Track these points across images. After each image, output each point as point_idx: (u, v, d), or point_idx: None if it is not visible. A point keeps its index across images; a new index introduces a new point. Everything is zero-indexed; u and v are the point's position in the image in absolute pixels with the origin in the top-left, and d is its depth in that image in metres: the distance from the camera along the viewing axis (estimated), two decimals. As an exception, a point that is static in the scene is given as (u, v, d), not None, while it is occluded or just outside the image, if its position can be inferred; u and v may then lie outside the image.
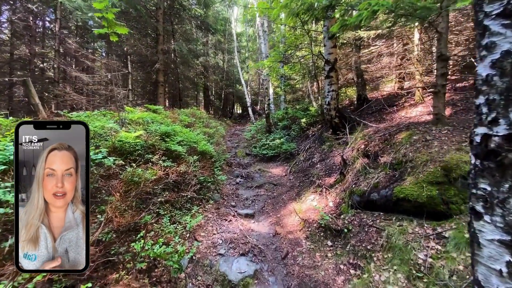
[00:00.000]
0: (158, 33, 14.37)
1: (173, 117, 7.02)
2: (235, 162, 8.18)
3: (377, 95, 7.77)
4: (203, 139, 5.76)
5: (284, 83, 10.76)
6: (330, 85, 5.93)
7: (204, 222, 3.84)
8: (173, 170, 3.82)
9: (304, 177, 5.51)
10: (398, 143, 3.69)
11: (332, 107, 5.98)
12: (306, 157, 6.55)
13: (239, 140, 12.54)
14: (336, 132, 6.12)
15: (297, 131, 8.85)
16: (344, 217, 3.43)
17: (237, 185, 6.05)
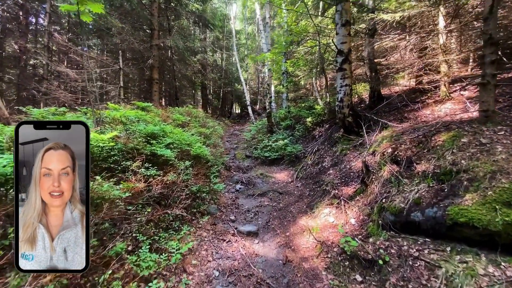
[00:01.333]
0: (153, 28, 13.62)
1: (165, 115, 6.25)
2: (234, 165, 7.43)
3: (390, 92, 7.04)
4: (197, 141, 5.01)
5: (286, 79, 10.00)
6: (343, 79, 5.19)
7: (197, 245, 3.09)
8: (158, 181, 3.06)
9: (315, 185, 4.77)
10: (438, 146, 2.96)
11: (345, 104, 5.25)
12: (315, 160, 5.81)
13: (238, 141, 11.79)
14: (349, 133, 5.39)
15: (302, 131, 8.11)
16: (374, 241, 2.70)
17: (236, 192, 5.30)
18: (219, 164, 5.85)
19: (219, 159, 5.84)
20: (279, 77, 10.44)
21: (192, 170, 4.05)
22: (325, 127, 7.25)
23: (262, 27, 12.29)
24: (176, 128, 5.20)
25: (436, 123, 3.44)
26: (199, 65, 20.07)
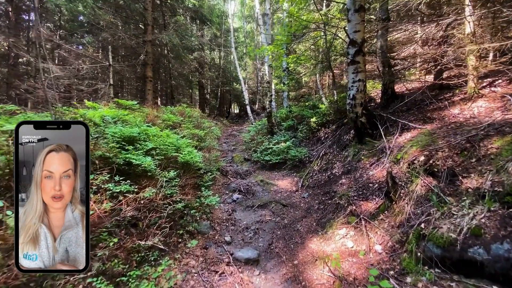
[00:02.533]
0: (146, 23, 12.92)
1: (153, 115, 5.55)
2: (232, 170, 6.74)
3: (405, 89, 6.38)
4: (188, 145, 4.32)
5: (288, 76, 9.29)
6: (356, 73, 4.52)
7: (182, 281, 2.40)
8: (131, 199, 2.38)
9: (325, 196, 4.09)
10: (493, 155, 2.29)
11: (358, 103, 4.57)
12: (322, 166, 5.13)
13: (236, 142, 11.10)
14: (361, 135, 4.72)
15: (306, 132, 7.43)
16: (414, 282, 2.02)
17: (233, 203, 4.62)
18: (214, 170, 5.17)
19: (214, 165, 5.16)
20: (280, 75, 9.74)
21: (180, 181, 3.36)
22: (331, 128, 6.59)
23: (262, 22, 11.63)
24: (165, 130, 4.52)
25: (482, 125, 2.77)
26: (196, 63, 19.38)
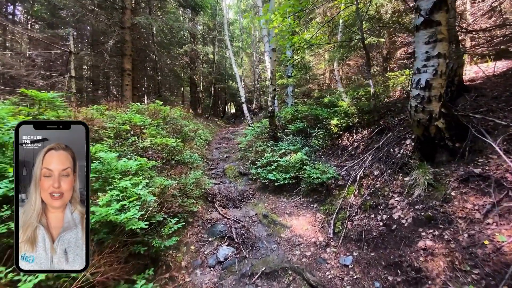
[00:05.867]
0: (124, 7, 10.87)
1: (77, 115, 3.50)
2: (221, 191, 4.74)
3: (470, 76, 4.48)
4: (140, 168, 2.31)
5: (296, 66, 7.26)
6: (433, 43, 2.58)
7: None
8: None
9: (390, 272, 2.14)
10: None
11: (434, 95, 2.64)
12: (366, 199, 3.17)
13: (230, 148, 9.08)
14: (434, 149, 2.79)
15: (323, 139, 5.48)
16: None
17: (219, 268, 2.64)
18: (190, 203, 3.17)
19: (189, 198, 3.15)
20: (285, 64, 7.75)
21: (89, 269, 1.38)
22: (362, 133, 4.65)
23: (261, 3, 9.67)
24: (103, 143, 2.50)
25: None
26: (187, 57, 17.29)
